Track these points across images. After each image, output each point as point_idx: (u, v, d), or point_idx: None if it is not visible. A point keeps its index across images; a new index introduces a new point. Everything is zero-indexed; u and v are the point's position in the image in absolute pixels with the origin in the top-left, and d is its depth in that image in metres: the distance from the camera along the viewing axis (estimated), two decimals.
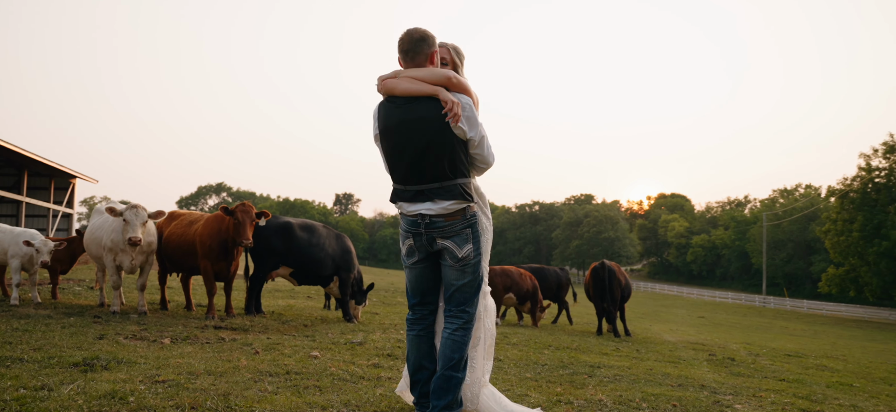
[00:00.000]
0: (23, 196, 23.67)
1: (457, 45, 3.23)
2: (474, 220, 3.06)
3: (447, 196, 2.98)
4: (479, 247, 3.09)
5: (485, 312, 3.28)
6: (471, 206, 3.04)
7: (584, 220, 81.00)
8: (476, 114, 3.01)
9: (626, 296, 11.36)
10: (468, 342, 3.06)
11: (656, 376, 6.06)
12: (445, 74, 2.98)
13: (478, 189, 3.21)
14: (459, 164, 2.99)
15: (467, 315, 3.06)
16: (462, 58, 3.20)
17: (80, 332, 5.65)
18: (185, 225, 8.12)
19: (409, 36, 3.04)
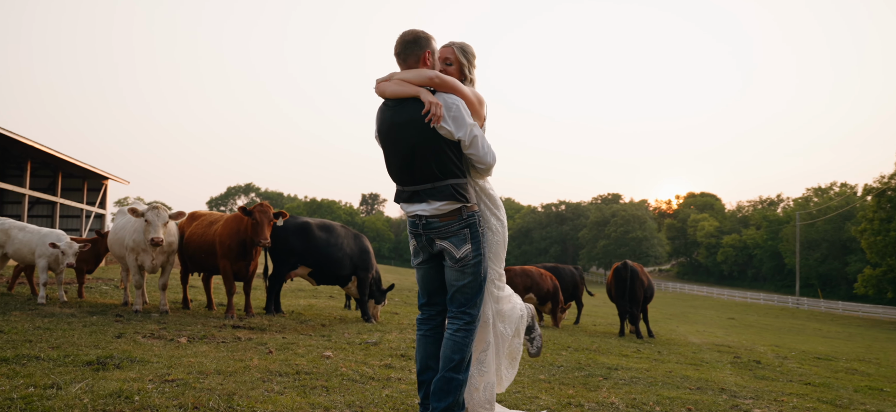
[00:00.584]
0: (57, 197, 24.31)
1: (465, 44, 3.17)
2: (473, 221, 3.01)
3: (439, 197, 2.97)
4: (479, 248, 3.01)
5: (498, 317, 3.18)
6: (468, 206, 2.99)
7: (611, 220, 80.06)
8: (465, 113, 2.95)
9: (649, 297, 11.17)
10: (469, 344, 3.01)
11: (675, 379, 5.93)
12: (429, 75, 2.96)
13: (484, 189, 3.13)
14: (450, 165, 2.96)
15: (469, 316, 3.02)
16: (470, 56, 3.13)
17: (100, 331, 5.76)
18: (205, 225, 8.23)
19: (401, 39, 3.06)
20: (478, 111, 3.07)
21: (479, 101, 3.08)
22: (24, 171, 22.45)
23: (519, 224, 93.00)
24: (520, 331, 3.32)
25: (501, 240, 3.17)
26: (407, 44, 3.04)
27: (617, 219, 79.24)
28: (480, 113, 3.09)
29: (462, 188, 2.98)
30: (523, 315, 3.33)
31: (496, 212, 3.15)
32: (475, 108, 3.05)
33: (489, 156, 3.01)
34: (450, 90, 2.98)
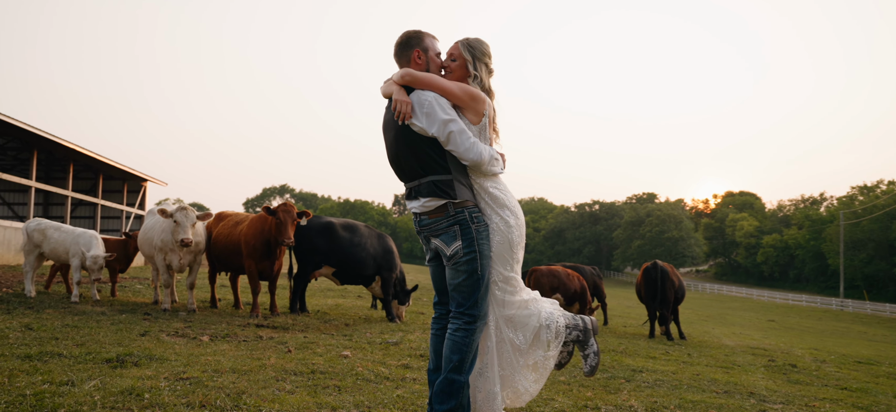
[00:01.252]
0: (98, 198, 25.07)
1: (473, 40, 3.09)
2: (462, 217, 2.93)
3: (425, 193, 2.97)
4: (471, 246, 2.93)
5: (505, 322, 3.03)
6: (455, 202, 2.93)
7: (646, 220, 78.66)
8: (439, 109, 2.90)
9: (680, 298, 10.91)
10: (469, 345, 2.93)
11: (702, 382, 5.75)
12: (402, 73, 3.01)
13: (485, 186, 3.01)
14: (430, 162, 2.95)
15: (468, 316, 2.94)
16: (476, 52, 3.04)
17: (126, 329, 5.88)
18: (231, 225, 8.34)
19: (396, 41, 3.14)
20: (469, 106, 2.99)
21: (471, 96, 2.99)
22: (67, 173, 23.23)
23: (552, 224, 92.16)
24: (544, 342, 3.01)
25: (506, 240, 2.99)
26: (399, 46, 3.12)
27: (652, 218, 77.86)
28: (474, 107, 2.99)
29: (445, 184, 2.93)
30: (549, 324, 3.01)
31: (499, 211, 3.00)
32: (464, 102, 2.98)
33: (471, 152, 2.90)
34: (424, 86, 2.96)
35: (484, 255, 2.95)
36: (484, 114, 3.01)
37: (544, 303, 3.14)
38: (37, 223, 8.47)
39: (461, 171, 2.99)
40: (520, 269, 3.10)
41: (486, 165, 2.96)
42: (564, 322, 3.09)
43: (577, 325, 3.15)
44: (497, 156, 3.02)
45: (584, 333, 3.15)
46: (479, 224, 2.96)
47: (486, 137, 3.05)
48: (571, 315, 3.17)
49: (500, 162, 3.07)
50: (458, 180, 2.96)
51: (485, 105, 3.01)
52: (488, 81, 3.09)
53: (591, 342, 3.14)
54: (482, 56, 3.06)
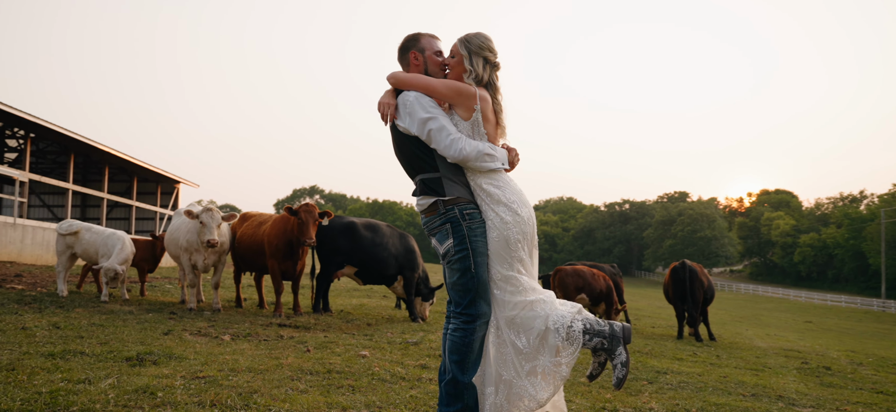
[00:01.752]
0: (133, 200, 25.69)
1: (472, 35, 3.00)
2: (453, 215, 2.90)
3: (418, 192, 3.03)
4: (463, 244, 2.88)
5: (506, 324, 2.91)
6: (445, 200, 2.91)
7: (677, 219, 77.29)
8: (419, 108, 2.90)
9: (709, 298, 10.66)
10: (468, 345, 2.87)
11: (728, 385, 5.60)
12: (389, 75, 3.09)
13: (480, 184, 2.94)
14: (417, 161, 2.99)
15: (466, 316, 2.89)
16: (473, 47, 2.97)
17: (151, 328, 5.98)
18: (255, 225, 8.43)
19: (398, 46, 3.19)
20: (456, 101, 2.95)
21: (457, 92, 2.94)
22: (103, 176, 23.87)
23: (581, 224, 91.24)
24: (552, 347, 2.82)
25: (502, 237, 2.88)
26: (399, 51, 3.18)
27: (684, 218, 76.51)
28: (461, 102, 2.95)
29: (434, 182, 2.94)
30: (559, 328, 2.81)
31: (494, 208, 2.91)
32: (449, 98, 2.96)
33: (451, 149, 2.85)
34: (408, 86, 2.99)
35: (478, 253, 2.88)
36: (474, 108, 2.93)
37: (556, 306, 2.92)
38: (69, 225, 8.69)
39: (453, 169, 2.95)
40: (527, 268, 2.94)
41: (472, 161, 2.89)
42: (581, 327, 2.85)
43: (602, 332, 2.87)
44: (488, 151, 2.90)
45: (610, 341, 2.86)
46: (471, 221, 2.90)
47: (479, 132, 2.96)
48: (596, 320, 2.91)
49: (496, 157, 2.93)
50: (448, 178, 2.93)
51: (472, 99, 2.93)
52: (487, 75, 2.99)
53: (619, 351, 2.85)
54: (479, 50, 2.98)
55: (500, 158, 2.96)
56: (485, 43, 2.99)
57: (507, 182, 2.97)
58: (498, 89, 3.04)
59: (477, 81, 2.98)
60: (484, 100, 2.96)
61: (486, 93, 2.99)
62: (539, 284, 3.02)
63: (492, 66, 3.01)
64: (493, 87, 3.02)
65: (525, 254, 2.93)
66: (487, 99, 2.98)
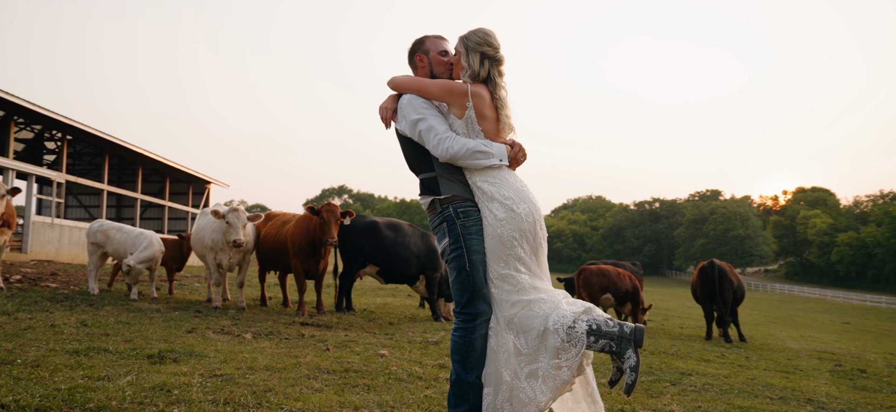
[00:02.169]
0: (166, 201, 26.26)
1: (471, 32, 2.96)
2: (448, 213, 2.91)
3: (420, 192, 3.07)
4: (458, 243, 2.87)
5: (505, 323, 2.84)
6: (441, 199, 2.93)
7: (709, 217, 75.88)
8: (410, 110, 2.95)
9: (739, 299, 10.41)
10: (468, 344, 2.84)
11: (756, 387, 5.44)
12: (388, 80, 3.11)
13: (475, 182, 2.91)
14: (416, 161, 3.04)
15: (464, 315, 2.88)
16: (470, 43, 2.94)
17: (175, 326, 6.07)
18: (278, 225, 8.52)
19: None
20: (448, 100, 2.94)
21: (447, 91, 2.93)
22: (137, 177, 24.45)
23: (610, 223, 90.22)
24: (552, 349, 2.70)
25: (495, 235, 2.83)
26: (408, 55, 3.22)
27: (716, 216, 75.08)
28: (453, 101, 2.92)
29: (430, 182, 2.98)
30: (558, 329, 2.70)
31: (488, 205, 2.87)
32: (441, 98, 2.96)
33: (439, 149, 2.86)
34: (404, 89, 3.04)
35: (473, 251, 2.86)
36: (466, 106, 2.90)
37: (560, 305, 2.81)
38: (100, 225, 8.90)
39: (450, 168, 2.95)
40: (528, 267, 2.85)
41: (462, 160, 2.87)
42: (585, 328, 2.72)
43: (610, 333, 2.72)
44: (480, 148, 2.86)
45: (619, 343, 2.71)
46: (466, 219, 2.88)
47: (474, 130, 2.92)
48: (606, 320, 2.77)
49: (490, 154, 2.87)
50: (445, 177, 2.93)
51: (464, 97, 2.89)
52: (484, 71, 2.93)
53: (628, 354, 2.70)
54: (476, 46, 2.93)
55: (497, 154, 2.89)
56: (483, 38, 2.94)
57: (503, 178, 2.89)
58: (498, 85, 2.96)
59: (474, 78, 2.94)
60: (478, 97, 2.90)
61: (481, 89, 2.92)
62: (545, 283, 2.91)
63: (491, 60, 2.94)
64: (492, 83, 2.95)
65: (524, 252, 2.84)
66: (483, 95, 2.91)
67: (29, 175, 17.81)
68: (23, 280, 9.78)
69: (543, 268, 2.93)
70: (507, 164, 2.94)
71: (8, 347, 4.24)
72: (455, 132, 2.92)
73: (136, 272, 8.23)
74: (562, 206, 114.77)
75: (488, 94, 2.93)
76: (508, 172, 2.94)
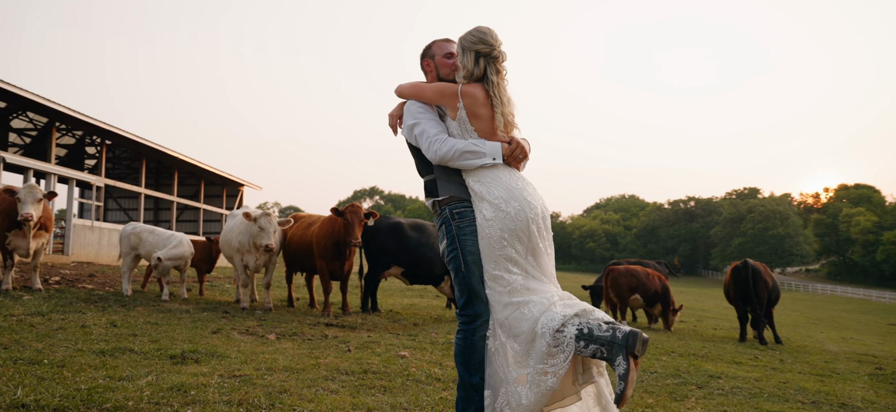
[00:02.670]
0: (201, 203, 26.85)
1: (468, 32, 2.93)
2: (445, 215, 2.92)
3: (424, 194, 3.10)
4: (454, 244, 2.86)
5: (499, 325, 2.77)
6: (440, 201, 2.94)
7: (747, 216, 74.05)
8: (408, 115, 2.99)
9: (774, 299, 10.12)
10: (467, 347, 2.81)
11: (787, 391, 5.27)
12: (395, 88, 3.11)
13: (469, 183, 2.88)
14: (420, 165, 3.08)
15: (463, 316, 2.86)
16: (465, 41, 2.91)
17: (202, 326, 6.18)
18: (304, 226, 8.61)
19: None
20: (441, 102, 2.94)
21: (439, 93, 2.94)
22: (173, 180, 25.06)
23: (644, 222, 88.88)
24: (539, 353, 2.58)
25: (485, 235, 2.77)
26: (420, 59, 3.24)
27: (754, 215, 73.23)
28: (444, 102, 2.92)
29: (431, 184, 3.02)
30: (544, 333, 2.59)
31: (478, 205, 2.82)
32: (434, 100, 2.96)
33: (430, 151, 2.87)
34: (404, 95, 3.08)
35: (467, 252, 2.83)
36: (457, 106, 2.87)
37: (552, 307, 2.67)
38: (132, 227, 9.12)
39: (448, 170, 2.93)
40: (522, 267, 2.75)
41: (452, 161, 2.84)
42: (575, 332, 2.58)
43: (601, 338, 2.53)
44: (470, 148, 2.81)
45: (610, 349, 2.51)
46: (461, 220, 2.87)
47: (467, 130, 2.88)
48: (599, 324, 2.59)
49: (480, 153, 2.81)
50: (442, 178, 2.94)
51: (455, 98, 2.87)
52: (479, 69, 2.88)
53: (619, 361, 2.48)
54: (470, 45, 2.89)
55: (490, 153, 2.83)
56: (478, 36, 2.89)
57: (495, 178, 2.82)
58: (493, 83, 2.88)
59: (469, 78, 2.90)
60: (469, 96, 2.86)
61: (474, 88, 2.87)
62: (544, 284, 2.79)
63: (487, 58, 2.88)
64: (487, 81, 2.89)
65: (516, 253, 2.75)
66: (475, 94, 2.86)
67: (69, 179, 18.38)
68: (61, 281, 10.09)
69: (544, 269, 2.83)
70: (501, 162, 2.85)
71: (38, 347, 4.37)
72: (451, 133, 2.91)
73: (164, 267, 8.42)
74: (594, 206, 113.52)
75: (483, 92, 2.87)
76: (504, 171, 2.85)
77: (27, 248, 7.93)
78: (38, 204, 7.73)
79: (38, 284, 8.28)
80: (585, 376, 2.74)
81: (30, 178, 16.43)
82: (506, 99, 2.92)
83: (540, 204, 2.87)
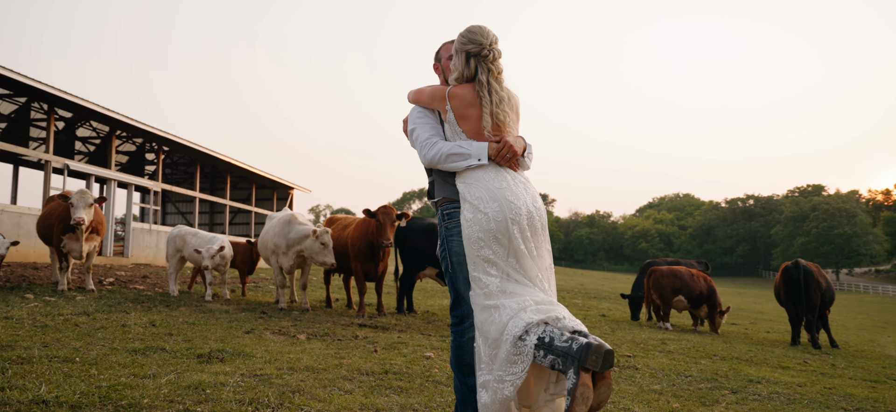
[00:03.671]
0: (252, 206, 27.66)
1: (463, 31, 2.90)
2: (439, 217, 2.95)
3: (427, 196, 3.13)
4: (444, 245, 2.88)
5: (478, 331, 2.68)
6: (436, 202, 2.96)
7: (810, 214, 70.83)
8: (410, 121, 3.01)
9: (828, 301, 9.61)
10: (460, 347, 2.79)
11: (831, 397, 4.99)
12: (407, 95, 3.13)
13: (457, 185, 2.84)
14: (425, 168, 3.07)
15: (454, 317, 2.85)
16: (457, 43, 2.87)
17: (237, 326, 6.34)
18: (340, 228, 8.74)
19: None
20: (434, 106, 2.93)
21: (430, 97, 2.94)
22: (227, 184, 25.91)
23: (699, 221, 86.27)
24: (502, 360, 2.51)
25: (466, 237, 2.72)
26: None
27: (818, 213, 69.98)
28: (436, 106, 2.91)
29: (430, 186, 3.04)
30: (506, 339, 2.51)
31: (462, 207, 2.77)
32: (430, 103, 2.96)
33: (421, 154, 2.89)
34: (411, 101, 3.08)
35: (453, 253, 2.83)
36: (446, 109, 2.85)
37: (521, 313, 2.56)
38: (177, 230, 9.47)
39: (444, 172, 2.92)
40: (501, 270, 2.66)
41: (440, 164, 2.82)
42: (535, 340, 2.48)
43: (559, 349, 2.40)
44: (455, 150, 2.77)
45: (564, 360, 2.38)
46: (449, 221, 2.87)
47: (456, 132, 2.85)
48: (562, 334, 2.47)
49: (465, 154, 2.76)
50: (439, 180, 2.95)
51: (443, 101, 2.85)
52: (469, 70, 2.83)
53: (569, 375, 2.34)
54: (460, 46, 2.85)
55: (474, 155, 2.75)
56: (468, 37, 2.85)
57: (477, 179, 2.75)
58: (482, 83, 2.81)
59: (460, 79, 2.86)
60: (456, 98, 2.82)
61: (462, 90, 2.83)
62: (527, 288, 2.66)
63: (477, 58, 2.83)
64: (477, 82, 2.83)
65: (495, 254, 2.65)
66: (462, 96, 2.82)
67: (128, 185, 19.25)
68: (115, 282, 10.56)
69: (528, 272, 2.68)
70: (486, 162, 2.76)
71: (76, 345, 4.57)
72: (445, 136, 2.90)
73: (208, 260, 8.75)
74: (647, 205, 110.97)
75: (472, 93, 2.82)
76: (489, 171, 2.77)
77: (80, 251, 8.34)
78: (89, 208, 8.11)
79: (91, 285, 8.69)
80: (558, 387, 2.63)
81: (92, 184, 17.30)
82: (497, 99, 2.83)
83: (526, 205, 2.74)
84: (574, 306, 14.83)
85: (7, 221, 14.15)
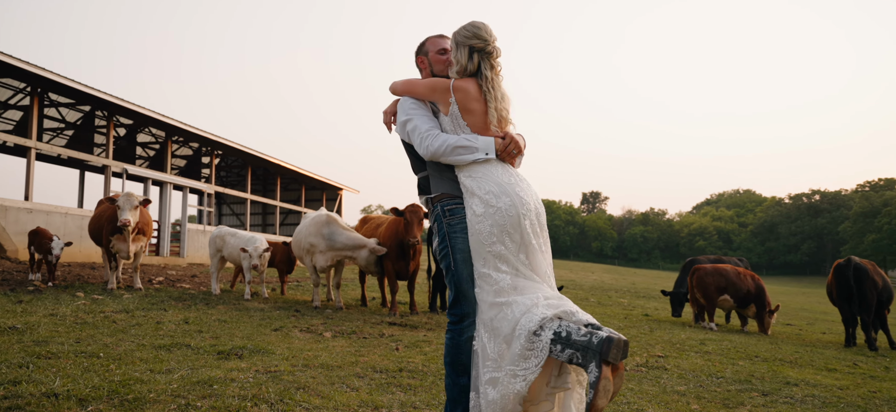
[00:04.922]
0: (302, 207, 28.33)
1: (462, 26, 2.87)
2: (437, 212, 2.87)
3: (418, 192, 3.10)
4: (444, 242, 2.81)
5: (483, 326, 2.65)
6: (433, 198, 2.90)
7: (882, 210, 66.89)
8: (401, 112, 2.96)
9: (886, 301, 9.06)
10: (457, 346, 2.73)
11: (873, 402, 4.70)
12: (390, 86, 3.09)
13: (461, 178, 2.78)
14: (414, 163, 3.07)
15: (452, 316, 2.78)
16: (458, 36, 2.82)
17: (267, 324, 6.49)
18: (373, 227, 8.82)
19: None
20: (434, 98, 2.87)
21: (431, 89, 2.87)
22: (277, 186, 26.64)
23: (761, 218, 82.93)
24: (515, 355, 2.47)
25: (474, 232, 2.67)
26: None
27: (891, 208, 66.02)
28: (437, 98, 2.84)
29: (424, 181, 3.00)
30: (520, 335, 2.47)
31: (469, 201, 2.72)
32: (427, 96, 2.90)
33: (421, 147, 2.81)
34: (397, 92, 3.05)
35: (457, 250, 2.75)
36: (449, 101, 2.79)
37: (534, 309, 2.53)
38: (219, 231, 9.78)
39: (441, 166, 2.86)
40: (512, 265, 2.63)
41: (444, 157, 2.76)
42: (552, 335, 2.44)
43: (578, 343, 2.37)
44: (462, 143, 2.73)
45: (584, 354, 2.35)
46: (452, 217, 2.79)
47: (459, 125, 2.79)
48: (579, 328, 2.43)
49: (473, 148, 2.73)
50: (435, 175, 2.88)
51: (447, 93, 2.79)
52: (473, 64, 2.79)
53: (591, 368, 2.31)
54: (464, 40, 2.81)
55: (482, 149, 2.73)
56: (472, 31, 2.82)
57: (486, 173, 2.72)
58: (487, 78, 2.79)
59: (462, 73, 2.82)
60: (462, 91, 2.78)
61: (467, 83, 2.79)
62: (536, 283, 2.65)
63: (481, 53, 2.80)
64: (481, 76, 2.81)
65: (507, 249, 2.63)
66: (467, 89, 2.78)
67: (183, 187, 20.03)
68: (163, 281, 11.00)
69: (537, 268, 2.69)
70: (493, 157, 2.76)
71: (106, 341, 4.78)
72: (444, 129, 2.85)
73: (256, 252, 8.98)
74: (704, 202, 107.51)
75: (476, 87, 2.80)
76: (497, 166, 2.76)
77: (127, 251, 8.72)
78: (134, 210, 8.48)
79: (139, 284, 9.07)
80: (559, 381, 2.58)
81: (149, 187, 18.09)
82: (500, 94, 2.84)
83: (533, 200, 2.77)
84: (619, 305, 14.51)
85: (71, 224, 14.96)
